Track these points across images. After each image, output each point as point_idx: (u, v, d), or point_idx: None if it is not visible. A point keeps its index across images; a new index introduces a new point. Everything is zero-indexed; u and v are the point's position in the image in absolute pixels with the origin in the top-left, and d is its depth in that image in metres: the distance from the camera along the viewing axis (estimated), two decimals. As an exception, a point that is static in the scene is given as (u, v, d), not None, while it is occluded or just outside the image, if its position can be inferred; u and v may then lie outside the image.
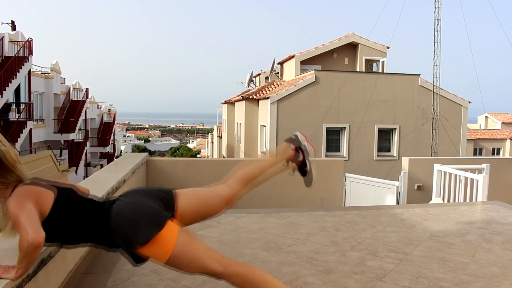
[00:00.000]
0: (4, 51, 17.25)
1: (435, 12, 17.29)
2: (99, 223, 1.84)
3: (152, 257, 1.82)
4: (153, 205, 1.86)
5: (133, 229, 1.77)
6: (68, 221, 1.83)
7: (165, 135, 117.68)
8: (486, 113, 36.35)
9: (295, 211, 4.57)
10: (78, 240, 1.91)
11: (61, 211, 1.81)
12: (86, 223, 1.84)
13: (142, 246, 1.77)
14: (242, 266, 1.94)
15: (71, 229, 1.85)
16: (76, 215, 1.84)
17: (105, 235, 1.85)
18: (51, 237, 1.86)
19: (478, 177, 5.73)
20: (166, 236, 1.79)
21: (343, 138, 16.03)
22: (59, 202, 1.82)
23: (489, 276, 2.77)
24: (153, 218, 1.80)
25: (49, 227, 1.80)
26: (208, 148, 36.48)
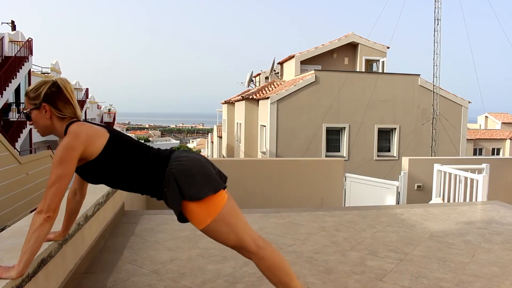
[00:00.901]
0: (4, 51, 17.24)
1: (435, 12, 17.31)
2: (155, 167, 1.85)
3: (196, 217, 1.83)
4: (213, 170, 1.92)
5: (189, 182, 1.81)
6: (120, 161, 1.85)
7: (165, 135, 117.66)
8: (486, 113, 36.36)
9: (295, 211, 4.57)
10: (125, 184, 1.91)
11: (113, 151, 1.84)
12: (139, 165, 1.86)
13: (192, 201, 1.80)
14: (273, 252, 1.95)
15: (123, 170, 1.86)
16: (130, 156, 1.86)
17: (157, 181, 1.85)
18: (99, 176, 1.89)
19: (478, 177, 5.73)
20: (216, 200, 1.84)
21: (343, 138, 16.03)
22: (112, 142, 1.85)
23: (489, 276, 2.77)
24: (211, 181, 1.85)
25: (98, 166, 1.84)
26: (208, 148, 36.48)
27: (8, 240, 2.12)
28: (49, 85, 1.86)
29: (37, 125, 1.91)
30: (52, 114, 1.87)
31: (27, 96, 1.88)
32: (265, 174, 6.64)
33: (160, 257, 3.03)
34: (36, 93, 1.86)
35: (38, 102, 1.86)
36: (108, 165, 1.84)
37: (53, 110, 1.86)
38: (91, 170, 1.86)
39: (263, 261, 1.91)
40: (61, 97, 1.87)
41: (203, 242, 3.34)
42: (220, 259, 3.01)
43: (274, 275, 1.93)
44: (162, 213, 4.32)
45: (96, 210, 3.11)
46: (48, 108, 1.86)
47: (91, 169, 1.86)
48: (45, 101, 1.85)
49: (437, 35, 17.32)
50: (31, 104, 1.87)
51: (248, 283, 2.61)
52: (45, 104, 1.85)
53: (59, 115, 1.87)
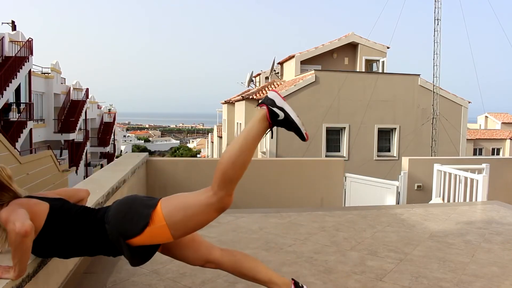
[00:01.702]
0: (4, 51, 17.25)
1: (435, 12, 17.31)
2: (95, 230, 1.85)
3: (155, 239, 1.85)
4: (141, 197, 1.96)
5: (129, 220, 1.82)
6: (63, 232, 1.84)
7: (165, 135, 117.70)
8: (486, 113, 36.35)
9: (295, 211, 4.57)
10: (74, 251, 1.92)
11: (55, 222, 1.82)
12: (82, 232, 1.85)
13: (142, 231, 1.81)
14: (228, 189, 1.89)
15: (67, 239, 1.85)
16: (71, 225, 1.85)
17: (103, 241, 1.86)
18: (47, 251, 1.88)
19: (478, 177, 5.73)
20: (158, 211, 1.85)
21: (343, 138, 16.03)
22: (53, 214, 1.83)
23: (489, 276, 2.77)
24: (145, 202, 1.88)
25: (45, 240, 1.82)
26: (208, 148, 36.48)
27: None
28: None
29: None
30: None
31: None
32: (265, 174, 6.64)
33: (160, 257, 3.02)
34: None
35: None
36: (53, 235, 1.82)
37: None
38: (39, 245, 1.82)
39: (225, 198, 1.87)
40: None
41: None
42: (220, 259, 3.01)
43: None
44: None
45: (96, 210, 3.11)
46: None
47: (38, 244, 1.81)
48: None
49: (437, 35, 17.33)
50: None
51: (248, 283, 2.61)
52: None
53: None
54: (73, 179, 18.76)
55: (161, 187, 6.00)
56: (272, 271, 2.13)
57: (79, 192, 2.17)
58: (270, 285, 2.08)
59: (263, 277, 2.08)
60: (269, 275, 2.09)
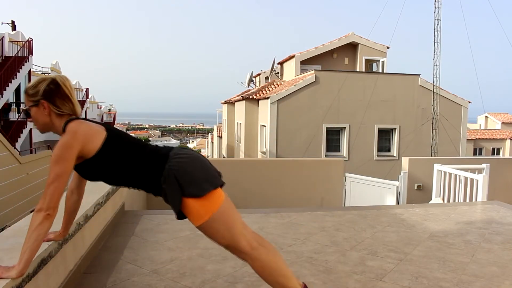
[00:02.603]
0: (4, 51, 17.24)
1: (435, 12, 17.30)
2: (154, 164, 1.85)
3: (194, 213, 1.84)
4: (212, 168, 1.94)
5: (188, 178, 1.82)
6: (119, 159, 1.85)
7: (165, 135, 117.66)
8: (486, 113, 36.35)
9: (295, 211, 4.57)
10: (124, 180, 1.92)
11: (112, 148, 1.85)
12: (137, 162, 1.86)
13: (191, 197, 1.81)
14: (267, 254, 1.94)
15: (121, 167, 1.86)
16: (129, 153, 1.87)
17: (156, 178, 1.85)
18: (96, 174, 1.90)
19: (478, 177, 5.73)
20: (214, 197, 1.85)
21: (343, 138, 16.03)
22: (110, 140, 1.86)
23: (489, 276, 2.77)
24: (210, 178, 1.87)
25: (97, 164, 1.84)
26: (208, 148, 36.48)
27: (8, 240, 2.12)
28: (48, 82, 1.87)
29: (36, 122, 1.91)
30: (50, 111, 1.88)
31: (26, 93, 1.89)
32: (265, 174, 6.64)
33: (160, 257, 3.03)
34: (35, 90, 1.87)
35: (37, 99, 1.86)
36: (106, 162, 1.85)
37: (51, 107, 1.87)
38: (90, 167, 1.87)
39: (256, 262, 1.91)
40: (59, 94, 1.87)
41: (203, 242, 3.34)
42: (220, 259, 3.01)
43: (269, 276, 1.92)
44: (162, 213, 4.32)
45: (96, 210, 3.11)
46: (46, 105, 1.86)
47: (89, 166, 1.86)
48: (43, 98, 1.86)
49: (437, 35, 17.33)
50: (30, 101, 1.88)
51: (248, 283, 2.61)
52: (43, 101, 1.86)
53: (58, 111, 1.88)
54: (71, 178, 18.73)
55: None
56: None
57: None
58: None
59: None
60: None
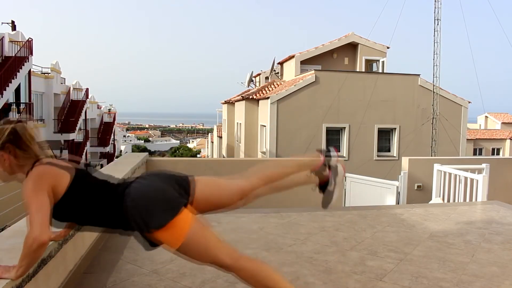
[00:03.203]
0: (4, 51, 17.24)
1: (435, 12, 17.31)
2: (114, 205, 1.83)
3: (164, 243, 1.81)
4: (170, 190, 1.85)
5: (148, 213, 1.77)
6: (83, 202, 1.83)
7: (165, 135, 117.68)
8: (486, 113, 36.35)
9: (295, 211, 4.57)
10: (91, 221, 1.90)
11: (76, 192, 1.81)
12: (101, 204, 1.84)
13: (156, 230, 1.78)
14: (251, 261, 1.93)
15: (86, 210, 1.84)
16: (92, 196, 1.84)
17: (120, 218, 1.83)
18: (65, 216, 1.87)
19: (478, 177, 5.73)
20: (180, 223, 1.79)
21: (343, 138, 16.03)
22: (75, 183, 1.82)
23: (489, 276, 2.77)
24: (169, 203, 1.80)
25: (64, 206, 1.81)
26: (208, 148, 36.48)
27: (8, 240, 2.12)
28: (8, 133, 1.78)
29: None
30: (11, 162, 1.80)
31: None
32: (265, 174, 6.63)
33: (160, 257, 3.03)
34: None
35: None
36: (73, 204, 1.81)
37: (11, 158, 1.79)
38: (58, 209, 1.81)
39: (242, 272, 1.88)
40: (20, 144, 1.79)
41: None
42: (220, 259, 3.01)
43: (258, 283, 1.89)
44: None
45: (96, 210, 3.11)
46: (6, 156, 1.78)
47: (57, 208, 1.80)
48: (2, 149, 1.78)
49: (437, 35, 17.33)
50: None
51: (248, 283, 2.61)
52: (2, 153, 1.78)
53: (19, 163, 1.80)
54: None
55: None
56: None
57: None
58: None
59: None
60: None
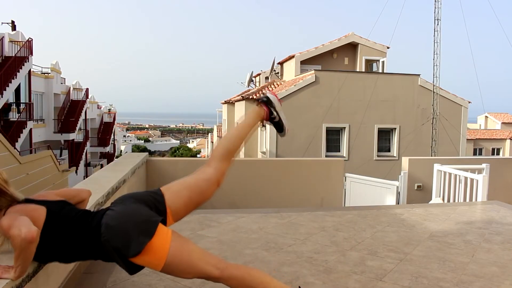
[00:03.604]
0: (4, 51, 17.25)
1: (435, 12, 17.30)
2: (90, 239, 1.80)
3: (148, 266, 1.81)
4: (143, 212, 1.82)
5: (124, 241, 1.74)
6: (60, 238, 1.79)
7: (165, 135, 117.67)
8: (486, 113, 36.35)
9: (295, 211, 4.57)
10: (73, 256, 1.88)
11: (52, 227, 1.78)
12: (77, 239, 1.80)
13: (135, 257, 1.76)
14: (238, 268, 1.92)
15: (65, 245, 1.81)
16: (68, 230, 1.80)
17: (98, 250, 1.81)
18: (47, 255, 1.83)
19: (478, 177, 5.73)
20: (158, 244, 1.76)
21: (343, 138, 16.03)
22: (50, 218, 1.78)
23: (489, 276, 2.77)
24: (143, 227, 1.76)
25: (43, 245, 1.76)
26: (208, 148, 36.48)
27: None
28: None
29: None
30: None
31: None
32: (265, 174, 6.64)
33: (160, 257, 3.03)
34: None
35: None
36: (50, 241, 1.78)
37: None
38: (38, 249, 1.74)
39: (231, 282, 1.87)
40: None
41: (203, 242, 3.34)
42: (220, 259, 3.01)
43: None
44: (162, 213, 4.31)
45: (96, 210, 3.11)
46: None
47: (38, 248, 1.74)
48: None
49: (437, 35, 17.33)
50: None
51: (248, 283, 2.61)
52: None
53: None
54: (73, 179, 18.75)
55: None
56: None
57: (81, 193, 2.12)
58: None
59: None
60: None
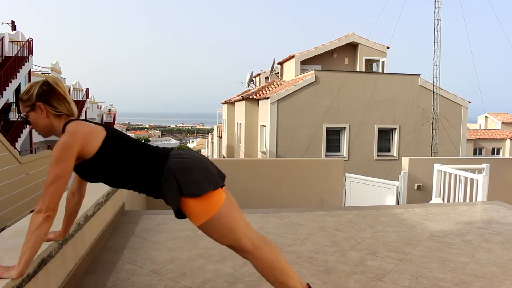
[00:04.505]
0: (4, 51, 17.25)
1: (435, 12, 17.30)
2: (154, 164, 1.85)
3: (194, 213, 1.84)
4: (213, 169, 1.93)
5: (189, 178, 1.81)
6: (118, 160, 1.84)
7: (165, 135, 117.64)
8: (486, 113, 36.36)
9: (295, 211, 4.57)
10: (124, 182, 1.91)
11: (111, 149, 1.83)
12: (137, 162, 1.85)
13: (190, 197, 1.81)
14: (270, 253, 1.95)
15: (121, 168, 1.85)
16: (129, 154, 1.86)
17: (156, 178, 1.84)
18: (97, 175, 1.88)
19: (478, 177, 5.73)
20: (215, 198, 1.84)
21: (343, 138, 16.03)
22: (110, 140, 1.85)
23: (489, 276, 2.77)
24: (211, 178, 1.86)
25: (97, 164, 1.83)
26: (208, 148, 36.48)
27: (8, 240, 2.12)
28: (40, 84, 1.86)
29: (36, 126, 1.90)
30: (48, 113, 1.87)
31: (21, 100, 1.88)
32: (265, 174, 6.64)
33: (160, 257, 3.03)
34: (29, 94, 1.85)
35: (32, 103, 1.85)
36: (105, 163, 1.84)
37: (48, 108, 1.86)
38: (89, 168, 1.85)
39: (259, 261, 1.92)
40: (54, 95, 1.87)
41: (203, 242, 3.34)
42: (220, 259, 3.01)
43: (271, 275, 1.94)
44: (162, 213, 4.32)
45: (96, 210, 3.11)
46: (43, 107, 1.85)
47: (89, 167, 1.85)
48: (39, 100, 1.85)
49: (437, 35, 17.33)
50: (26, 107, 1.87)
51: (248, 283, 2.61)
52: (39, 104, 1.85)
53: (55, 112, 1.87)
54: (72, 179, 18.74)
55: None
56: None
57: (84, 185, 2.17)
58: None
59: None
60: None
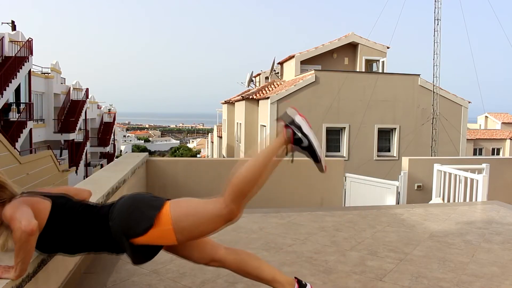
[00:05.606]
0: (4, 51, 17.25)
1: (435, 12, 17.30)
2: (99, 227, 1.85)
3: (159, 241, 1.85)
4: (147, 195, 1.96)
5: (136, 218, 1.81)
6: (67, 229, 1.83)
7: (165, 135, 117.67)
8: (486, 113, 36.36)
9: (295, 211, 4.57)
10: (78, 248, 1.91)
11: (58, 220, 1.82)
12: (86, 228, 1.85)
13: (146, 232, 1.80)
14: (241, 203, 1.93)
15: (71, 237, 1.85)
16: (75, 222, 1.85)
17: (106, 238, 1.86)
18: (51, 247, 1.87)
19: (478, 177, 5.73)
20: (164, 213, 1.84)
21: (343, 138, 16.03)
22: (56, 211, 1.83)
23: (489, 276, 2.77)
24: (151, 203, 1.88)
25: (48, 237, 1.81)
26: (208, 148, 36.49)
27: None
28: None
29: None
30: None
31: None
32: (265, 174, 6.63)
33: (160, 257, 3.02)
34: None
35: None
36: (57, 232, 1.82)
37: None
38: (44, 241, 1.81)
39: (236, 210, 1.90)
40: None
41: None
42: (220, 259, 3.01)
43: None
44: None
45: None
46: None
47: (43, 240, 1.80)
48: None
49: (437, 35, 17.33)
50: None
51: (248, 283, 2.61)
52: None
53: None
54: (73, 179, 18.76)
55: (161, 187, 6.00)
56: (276, 270, 2.12)
57: (82, 192, 2.15)
58: (274, 284, 2.06)
59: (267, 276, 2.06)
60: (273, 274, 2.07)
